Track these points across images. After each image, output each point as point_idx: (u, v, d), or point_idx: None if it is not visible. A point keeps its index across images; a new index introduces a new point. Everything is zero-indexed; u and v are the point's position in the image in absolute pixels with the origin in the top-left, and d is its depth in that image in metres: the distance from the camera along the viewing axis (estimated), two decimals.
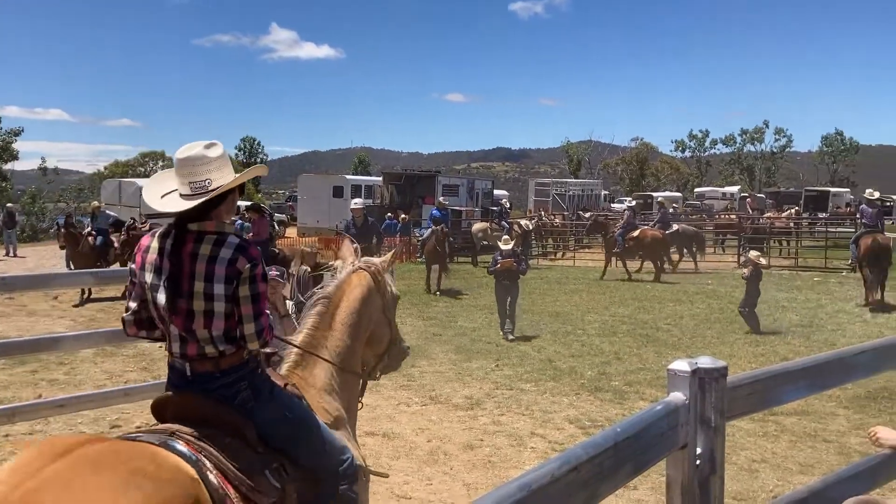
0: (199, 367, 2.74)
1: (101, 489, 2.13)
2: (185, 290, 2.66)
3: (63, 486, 2.10)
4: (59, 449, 2.23)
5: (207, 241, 2.68)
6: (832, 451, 7.06)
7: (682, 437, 2.16)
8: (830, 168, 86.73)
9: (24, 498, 2.05)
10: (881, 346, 3.04)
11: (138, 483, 2.18)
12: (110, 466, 2.21)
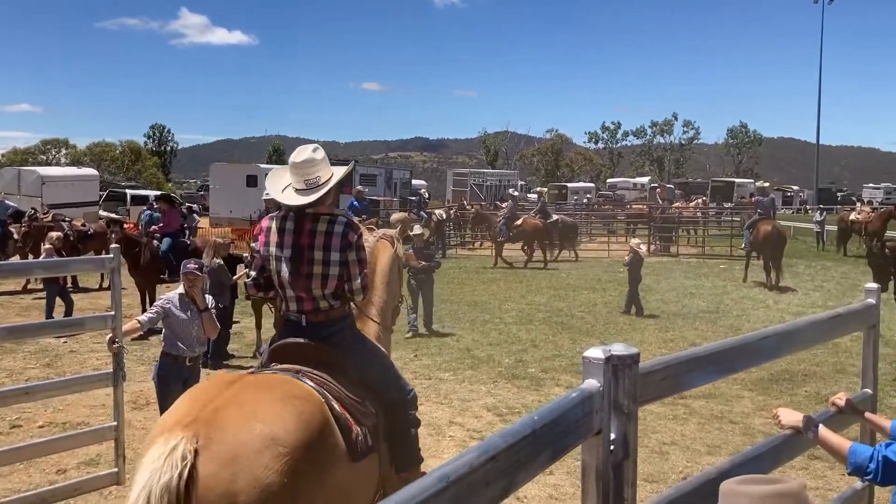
0: (313, 318, 3.55)
1: (267, 403, 2.96)
2: (307, 259, 3.47)
3: (239, 402, 2.93)
4: (228, 379, 3.19)
5: (322, 220, 3.51)
6: (738, 432, 7.36)
7: (596, 423, 2.19)
8: (735, 159, 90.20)
9: (213, 412, 2.86)
10: (783, 331, 3.17)
11: (291, 401, 2.99)
12: (268, 389, 3.08)
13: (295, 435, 2.87)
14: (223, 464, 2.73)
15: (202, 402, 2.95)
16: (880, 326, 3.91)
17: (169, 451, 2.70)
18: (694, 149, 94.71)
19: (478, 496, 1.79)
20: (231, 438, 2.79)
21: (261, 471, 2.73)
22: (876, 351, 3.84)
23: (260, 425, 2.84)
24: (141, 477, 2.72)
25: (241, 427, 2.83)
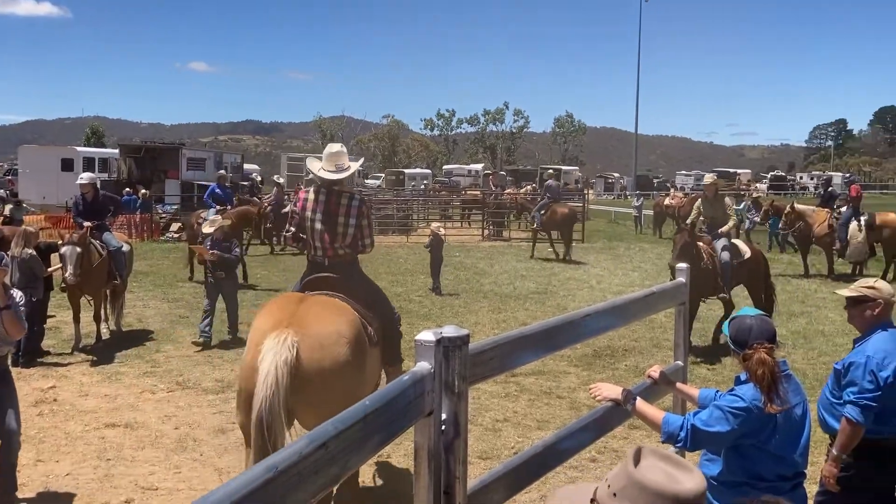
0: (334, 260, 5.10)
1: (329, 313, 4.56)
2: (334, 220, 5.05)
3: (313, 313, 4.46)
4: (296, 299, 4.70)
5: (345, 196, 5.13)
6: (565, 406, 7.73)
7: (428, 405, 2.21)
8: (562, 147, 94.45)
9: (299, 319, 4.32)
10: (604, 309, 3.34)
11: (341, 310, 4.62)
12: (326, 305, 4.66)
13: (350, 330, 4.53)
14: (314, 348, 4.29)
15: (287, 313, 4.45)
16: None
17: (282, 341, 4.14)
18: (524, 137, 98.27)
19: (308, 484, 1.76)
20: (315, 333, 4.35)
21: (337, 351, 4.39)
22: (685, 325, 4.14)
23: (331, 326, 4.47)
24: (266, 357, 4.09)
25: (321, 327, 4.42)
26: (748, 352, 3.19)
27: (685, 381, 4.03)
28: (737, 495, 3.11)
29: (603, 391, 3.31)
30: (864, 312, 4.06)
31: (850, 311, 4.14)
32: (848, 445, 3.99)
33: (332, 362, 4.33)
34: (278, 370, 4.04)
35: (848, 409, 3.94)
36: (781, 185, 69.27)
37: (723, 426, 3.09)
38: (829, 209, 17.33)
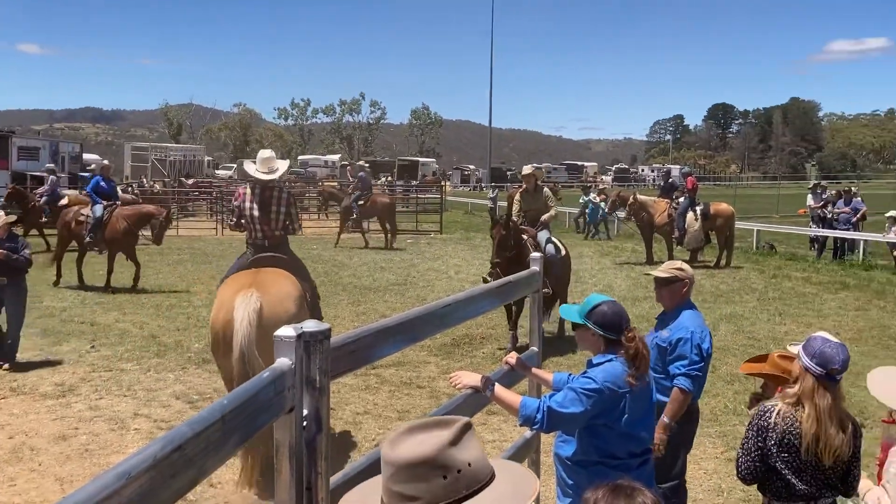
0: (272, 241, 6.30)
1: (281, 279, 5.81)
2: (269, 209, 6.24)
3: (269, 279, 5.73)
4: (252, 271, 5.90)
5: (276, 190, 6.37)
6: (425, 395, 7.82)
7: (288, 401, 2.17)
8: (419, 139, 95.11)
9: (259, 283, 5.59)
10: (462, 298, 3.40)
11: (289, 279, 5.87)
12: (277, 273, 5.89)
13: (295, 292, 5.82)
14: (273, 304, 5.48)
15: (249, 281, 5.69)
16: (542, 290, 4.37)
17: (249, 298, 5.36)
18: (381, 128, 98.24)
19: (163, 489, 1.68)
20: (273, 293, 5.59)
21: (289, 305, 5.61)
22: (541, 312, 4.28)
23: (283, 288, 5.75)
24: (239, 309, 5.29)
25: (276, 289, 5.67)
26: (629, 334, 3.34)
27: (540, 366, 4.18)
28: (591, 475, 3.26)
29: (462, 379, 3.37)
30: (671, 291, 4.50)
31: (659, 291, 4.57)
32: (678, 413, 4.41)
33: (286, 314, 5.49)
34: (249, 317, 5.27)
35: (680, 380, 4.36)
36: (625, 178, 73.05)
37: (577, 407, 3.23)
38: (669, 200, 18.43)
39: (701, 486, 5.60)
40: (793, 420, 3.12)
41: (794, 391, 3.16)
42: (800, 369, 3.19)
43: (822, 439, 3.06)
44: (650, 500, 1.76)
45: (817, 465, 3.13)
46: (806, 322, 11.23)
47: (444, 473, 1.52)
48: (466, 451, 1.56)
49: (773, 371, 3.60)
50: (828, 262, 18.50)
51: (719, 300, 13.27)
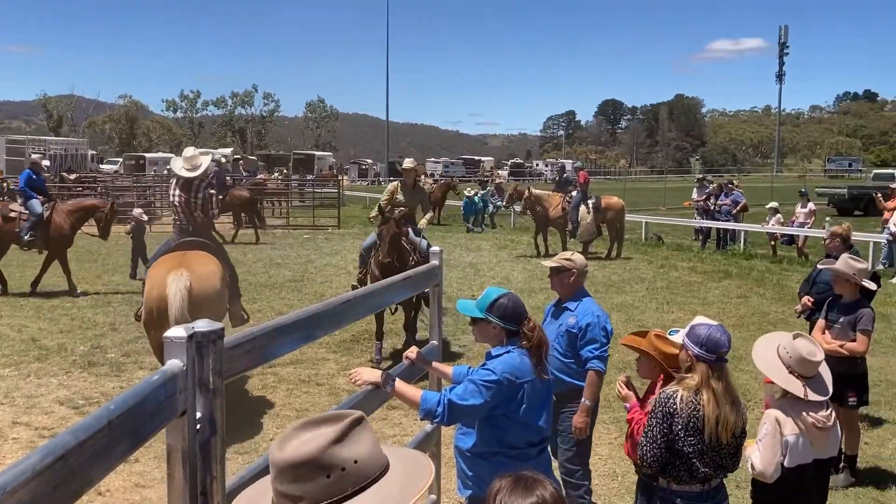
0: (197, 226, 7.23)
1: (206, 260, 6.87)
2: (193, 197, 7.16)
3: (195, 260, 6.74)
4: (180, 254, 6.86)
5: (198, 182, 7.26)
6: (324, 393, 7.73)
7: (181, 404, 2.09)
8: (315, 133, 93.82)
9: (187, 263, 6.58)
10: (362, 294, 3.37)
11: (213, 260, 6.95)
12: (201, 255, 6.91)
13: (219, 271, 6.80)
14: (201, 281, 6.46)
15: (178, 262, 6.61)
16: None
17: (180, 276, 6.32)
18: (275, 121, 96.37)
19: (45, 502, 1.59)
20: (200, 272, 6.53)
21: (214, 283, 6.64)
22: (440, 306, 4.30)
23: (208, 268, 6.71)
24: (171, 286, 6.25)
25: (202, 268, 6.61)
26: (529, 324, 3.39)
27: (441, 360, 4.20)
28: (491, 465, 3.31)
29: (363, 375, 3.34)
30: (563, 280, 4.70)
31: (552, 280, 4.80)
32: (596, 395, 4.60)
33: (213, 289, 6.65)
34: (181, 293, 6.25)
35: (594, 363, 4.55)
36: (520, 172, 74.37)
37: (477, 399, 3.26)
38: (563, 194, 18.88)
39: (597, 471, 5.77)
40: (695, 405, 3.27)
41: (695, 381, 3.29)
42: (689, 357, 3.33)
43: (721, 420, 3.23)
44: (550, 491, 1.80)
45: (717, 446, 3.29)
46: (692, 310, 11.73)
47: (327, 473, 1.50)
48: (354, 447, 1.53)
49: (648, 349, 3.78)
50: (712, 252, 19.41)
51: (611, 290, 13.70)
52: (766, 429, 3.67)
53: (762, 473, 3.62)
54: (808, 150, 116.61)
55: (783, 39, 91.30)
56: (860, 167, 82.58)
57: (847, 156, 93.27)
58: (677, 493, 3.37)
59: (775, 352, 3.83)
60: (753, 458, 3.65)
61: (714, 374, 3.28)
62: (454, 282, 14.15)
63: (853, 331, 5.72)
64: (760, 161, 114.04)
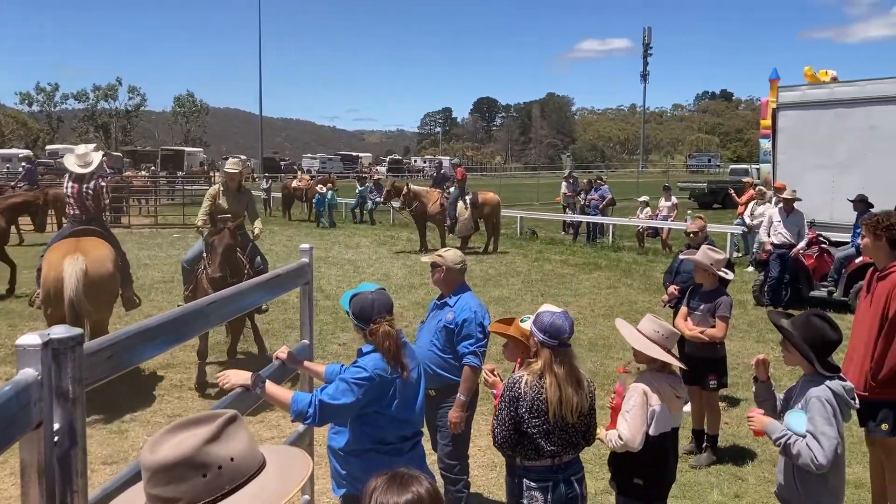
0: (89, 215, 7.79)
1: (100, 245, 7.54)
2: (85, 191, 7.72)
3: (90, 245, 7.40)
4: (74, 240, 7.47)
5: (88, 178, 7.75)
6: (196, 397, 7.49)
7: (35, 416, 1.96)
8: (184, 128, 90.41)
9: (82, 248, 7.26)
10: (229, 294, 3.26)
11: (106, 245, 7.62)
12: (95, 241, 7.57)
13: (111, 256, 7.42)
14: (95, 264, 7.08)
15: (73, 247, 7.16)
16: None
17: (76, 260, 6.90)
18: (141, 116, 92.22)
19: None
20: (94, 256, 7.14)
21: (107, 266, 7.28)
22: (311, 305, 4.24)
23: (102, 252, 7.32)
24: (67, 269, 6.82)
25: (96, 253, 7.22)
26: (373, 326, 3.38)
27: (312, 359, 4.15)
28: (364, 462, 3.30)
29: (231, 378, 3.26)
30: (435, 276, 4.80)
31: (432, 275, 4.88)
32: (471, 390, 4.66)
33: (106, 272, 7.22)
34: (77, 274, 6.78)
35: (470, 358, 4.59)
36: (399, 168, 74.53)
37: (348, 398, 3.25)
38: (441, 190, 19.06)
39: (476, 462, 5.86)
40: (539, 388, 3.45)
41: (538, 366, 3.48)
42: (535, 343, 3.53)
43: (564, 401, 3.41)
44: (425, 487, 1.81)
45: (563, 426, 3.47)
46: (565, 301, 12.12)
47: (203, 472, 1.48)
48: (229, 445, 1.53)
49: (515, 334, 3.92)
50: (582, 246, 20.12)
51: (488, 284, 13.95)
52: (633, 401, 3.86)
53: (630, 443, 3.81)
54: (670, 147, 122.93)
55: (647, 40, 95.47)
56: (718, 163, 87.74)
57: (706, 152, 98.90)
58: (528, 468, 3.53)
59: (638, 332, 4.06)
60: (621, 429, 3.83)
61: (557, 358, 3.46)
62: (333, 279, 14.02)
63: (713, 317, 6.07)
64: (627, 157, 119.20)
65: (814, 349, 3.45)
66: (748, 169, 36.47)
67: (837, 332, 3.50)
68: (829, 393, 3.39)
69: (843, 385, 3.45)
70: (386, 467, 1.92)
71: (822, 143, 15.21)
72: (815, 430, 3.31)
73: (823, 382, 3.42)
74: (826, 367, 3.46)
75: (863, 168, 14.48)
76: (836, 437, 3.31)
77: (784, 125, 16.13)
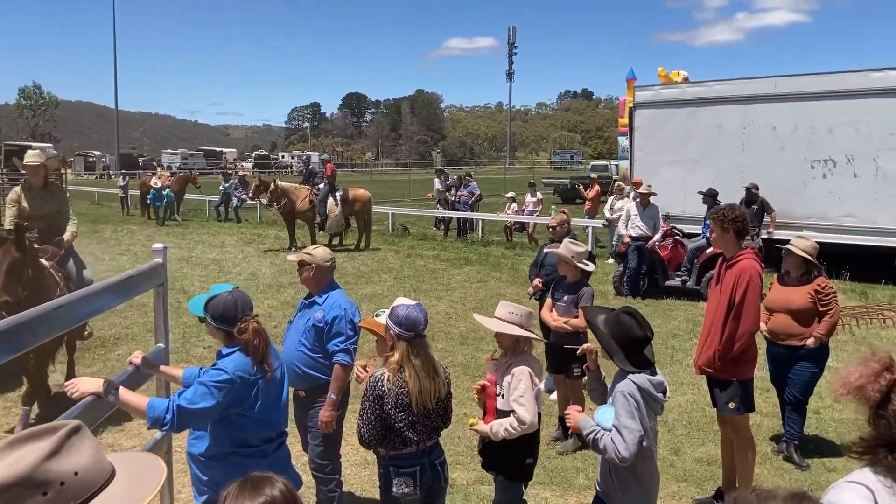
0: None
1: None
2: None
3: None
4: None
5: None
6: (50, 406, 7.01)
7: None
8: (31, 122, 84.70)
9: None
10: (77, 298, 3.07)
11: None
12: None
13: None
14: None
15: None
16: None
17: None
18: None
19: None
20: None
21: None
22: (166, 307, 4.05)
23: None
24: None
25: None
26: (241, 325, 3.26)
27: (168, 363, 3.98)
28: (226, 467, 3.19)
29: (80, 386, 3.06)
30: (305, 274, 4.70)
31: (299, 272, 4.78)
32: (342, 388, 4.60)
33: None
34: None
35: (340, 356, 4.54)
36: (266, 164, 72.87)
37: (208, 401, 3.12)
38: (311, 186, 18.77)
39: (348, 460, 5.80)
40: (401, 383, 3.50)
41: (396, 358, 3.53)
42: (391, 337, 3.56)
43: (424, 390, 3.49)
44: (279, 488, 1.75)
45: (426, 414, 3.55)
46: (437, 296, 12.22)
47: (44, 490, 1.38)
48: (72, 458, 1.42)
49: (371, 328, 3.93)
50: (453, 241, 20.37)
51: (360, 281, 13.86)
52: (524, 384, 3.94)
53: (532, 426, 3.90)
54: (535, 144, 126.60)
55: (512, 40, 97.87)
56: (580, 159, 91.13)
57: (569, 149, 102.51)
58: (394, 457, 3.58)
59: (498, 320, 4.15)
60: (520, 414, 3.89)
61: (413, 349, 3.52)
62: (197, 280, 13.50)
63: (576, 307, 6.28)
64: (495, 154, 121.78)
65: (622, 346, 3.49)
66: (608, 165, 38.10)
67: (645, 329, 3.53)
68: (632, 387, 3.41)
69: (651, 379, 3.48)
70: (250, 470, 1.86)
71: (675, 141, 16.11)
72: (619, 423, 3.36)
73: (628, 377, 3.45)
74: (635, 363, 3.48)
75: (712, 164, 15.45)
76: (639, 430, 3.34)
77: (640, 123, 16.96)
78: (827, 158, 14.24)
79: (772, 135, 14.85)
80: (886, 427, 1.84)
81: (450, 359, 8.68)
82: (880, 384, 1.85)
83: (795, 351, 5.91)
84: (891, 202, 13.47)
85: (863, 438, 1.90)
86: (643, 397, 3.42)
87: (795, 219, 14.21)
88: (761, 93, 15.06)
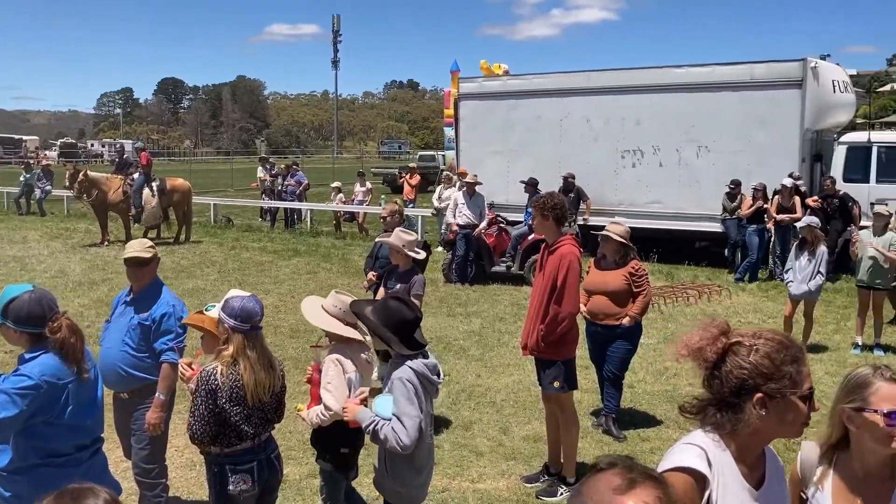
0: None
1: None
2: None
3: None
4: None
5: None
6: None
7: None
8: None
9: None
10: None
11: None
12: None
13: None
14: None
15: None
16: None
17: None
18: None
19: None
20: None
21: None
22: None
23: None
24: None
25: None
26: (53, 325, 3.02)
27: None
28: (32, 480, 2.95)
29: None
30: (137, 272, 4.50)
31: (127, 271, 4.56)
32: (171, 387, 4.44)
33: None
34: None
35: (168, 355, 4.38)
36: (73, 153, 67.75)
37: (9, 411, 2.87)
38: (124, 176, 17.67)
39: (174, 463, 5.54)
40: (235, 376, 3.41)
41: (230, 352, 3.43)
42: (226, 330, 3.46)
43: (259, 383, 3.43)
44: (102, 498, 1.60)
45: (261, 406, 3.50)
46: (265, 289, 11.91)
47: None
48: None
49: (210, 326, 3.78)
50: (280, 232, 19.92)
51: (181, 275, 13.25)
52: (331, 373, 3.92)
53: (339, 413, 3.84)
54: (363, 134, 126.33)
55: (336, 28, 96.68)
56: (408, 149, 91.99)
57: (397, 139, 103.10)
58: (229, 454, 3.49)
59: (321, 310, 4.11)
60: (327, 401, 3.85)
61: (249, 342, 3.45)
62: None
63: (408, 296, 6.33)
64: (322, 143, 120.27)
65: (396, 331, 3.49)
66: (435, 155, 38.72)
67: (414, 311, 3.58)
68: (410, 372, 3.43)
69: (426, 363, 3.52)
70: (61, 481, 1.70)
71: (498, 131, 16.66)
72: (399, 410, 3.36)
73: (405, 363, 3.48)
74: (410, 346, 3.51)
75: (532, 154, 16.12)
76: (417, 416, 3.36)
77: (465, 114, 17.38)
78: (636, 149, 15.27)
79: (586, 126, 15.71)
80: (718, 386, 2.01)
81: (280, 352, 8.50)
82: (717, 346, 2.02)
83: (612, 330, 6.28)
84: (692, 190, 14.67)
85: (696, 398, 2.09)
86: (420, 382, 3.46)
87: (608, 205, 15.13)
88: (576, 86, 15.89)
